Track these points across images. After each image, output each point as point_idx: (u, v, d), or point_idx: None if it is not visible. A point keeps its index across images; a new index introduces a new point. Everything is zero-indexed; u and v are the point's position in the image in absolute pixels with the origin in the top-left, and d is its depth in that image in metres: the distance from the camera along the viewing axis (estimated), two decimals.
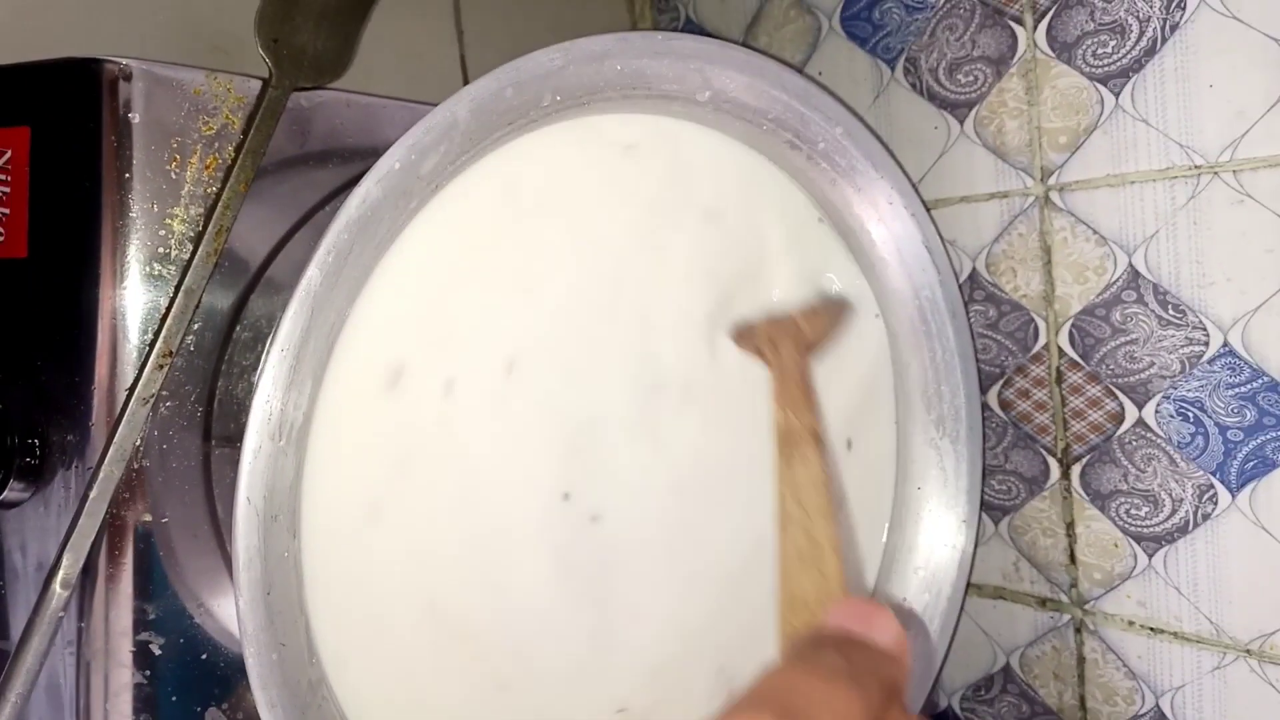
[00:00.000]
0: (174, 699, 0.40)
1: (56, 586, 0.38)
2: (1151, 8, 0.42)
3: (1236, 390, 0.41)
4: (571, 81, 0.33)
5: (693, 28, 0.63)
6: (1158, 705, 0.45)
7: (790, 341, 0.36)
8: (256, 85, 0.41)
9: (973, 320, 0.49)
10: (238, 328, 0.42)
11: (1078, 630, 0.47)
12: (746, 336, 0.38)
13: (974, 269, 0.50)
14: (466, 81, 0.62)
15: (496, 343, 0.34)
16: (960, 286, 0.49)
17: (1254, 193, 0.40)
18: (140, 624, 0.40)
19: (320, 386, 0.30)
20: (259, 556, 0.28)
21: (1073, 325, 0.46)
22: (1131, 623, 0.45)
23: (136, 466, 0.39)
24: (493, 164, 0.33)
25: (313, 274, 0.28)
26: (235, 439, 0.42)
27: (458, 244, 0.33)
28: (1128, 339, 0.44)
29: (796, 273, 0.41)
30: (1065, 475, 0.47)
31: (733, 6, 0.60)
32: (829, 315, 0.40)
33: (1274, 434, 0.40)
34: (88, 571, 0.38)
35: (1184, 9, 0.41)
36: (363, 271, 0.30)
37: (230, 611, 0.41)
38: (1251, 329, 0.40)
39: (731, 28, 0.60)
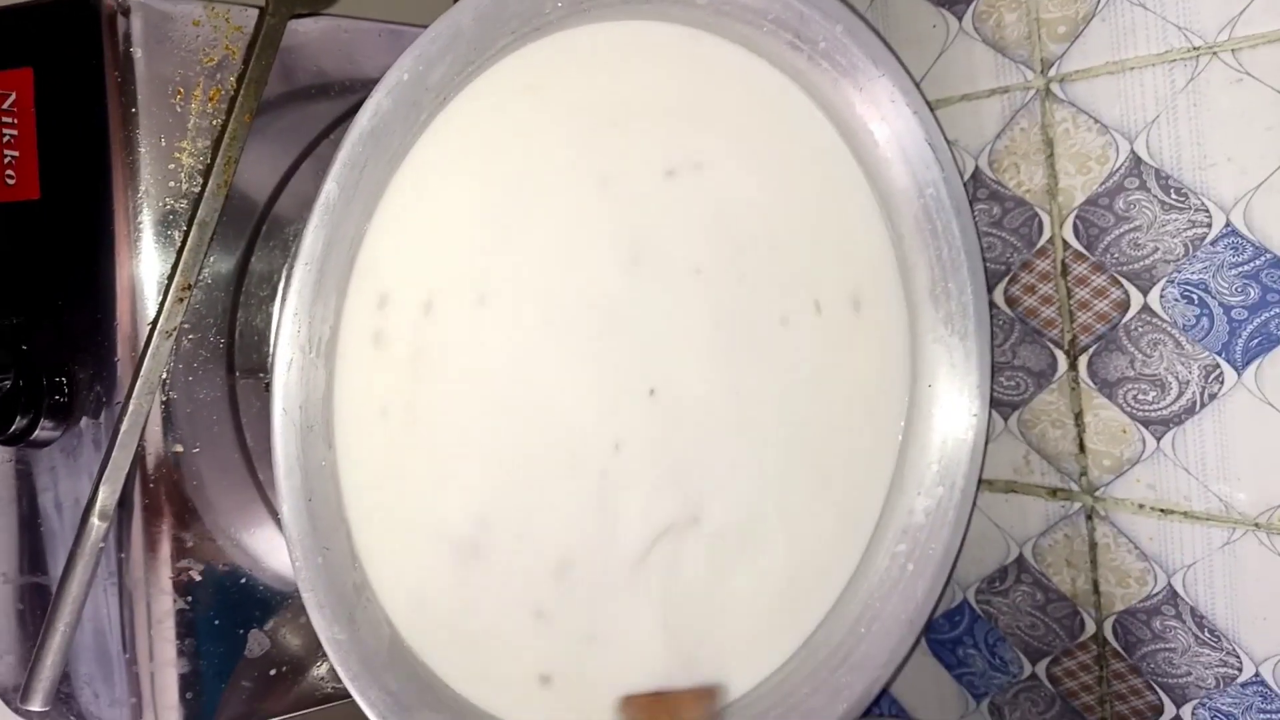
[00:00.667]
0: (216, 623, 0.42)
1: (94, 519, 0.39)
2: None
3: (1240, 269, 0.42)
4: None
5: None
6: (1169, 584, 0.46)
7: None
8: (253, 14, 0.41)
9: (977, 219, 0.50)
10: (252, 259, 0.42)
11: (1089, 517, 0.49)
12: (630, 709, 0.38)
13: (977, 168, 0.50)
14: None
15: (514, 249, 0.34)
16: (964, 185, 0.50)
17: (1253, 70, 0.40)
18: (179, 552, 0.41)
19: (345, 299, 0.31)
20: (298, 465, 0.29)
21: (1076, 217, 0.46)
22: (1142, 506, 0.47)
23: (164, 399, 0.40)
24: (500, 73, 0.33)
25: (330, 188, 0.29)
26: (258, 369, 0.43)
27: (468, 151, 0.33)
28: (1131, 226, 0.45)
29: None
30: (1073, 366, 0.48)
31: None
32: (708, 705, 0.40)
33: (1278, 310, 0.41)
34: (124, 504, 0.39)
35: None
36: (378, 185, 0.31)
37: (265, 538, 0.43)
38: (1254, 207, 0.41)
39: None
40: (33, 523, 0.43)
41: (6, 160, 0.41)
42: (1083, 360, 0.48)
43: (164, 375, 0.40)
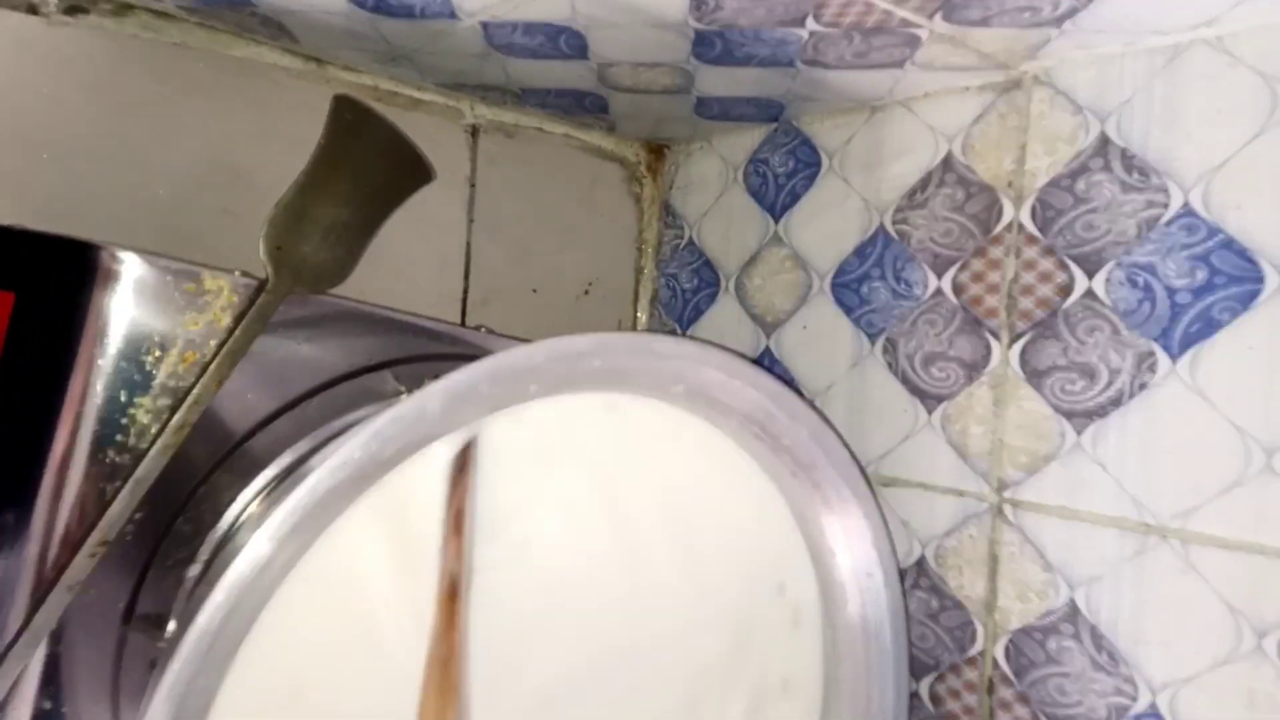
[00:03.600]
0: None
1: None
2: (1123, 361, 0.43)
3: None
4: (550, 375, 0.34)
5: (694, 250, 0.64)
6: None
7: None
8: (251, 284, 0.42)
9: (915, 608, 0.50)
10: (180, 519, 0.41)
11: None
12: None
13: (923, 556, 0.50)
14: (468, 268, 0.63)
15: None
16: (905, 571, 0.50)
17: (1201, 568, 0.40)
18: None
19: (225, 676, 0.29)
20: None
21: (1010, 640, 0.46)
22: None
23: (49, 652, 0.39)
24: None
25: (241, 567, 0.28)
26: (154, 624, 0.41)
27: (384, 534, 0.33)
28: (1060, 671, 0.44)
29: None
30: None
31: (734, 243, 0.62)
32: None
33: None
34: None
35: (1154, 371, 0.42)
36: (292, 558, 0.30)
37: None
38: (1180, 698, 0.41)
39: (730, 260, 0.62)
40: None
41: None
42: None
43: (52, 628, 0.38)
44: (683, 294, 0.66)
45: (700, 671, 0.41)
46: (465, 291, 0.63)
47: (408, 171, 0.45)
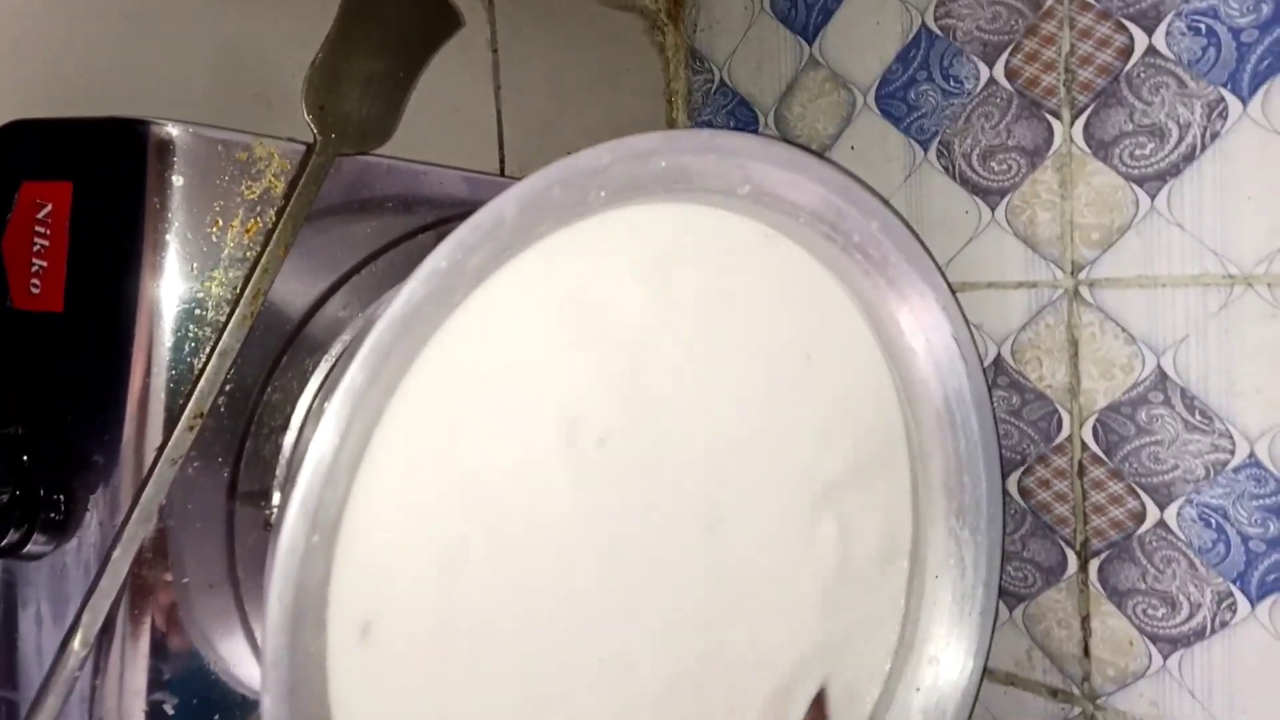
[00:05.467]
0: None
1: (75, 645, 0.38)
2: (1192, 114, 0.42)
3: (1261, 501, 0.41)
4: (617, 178, 0.33)
5: (726, 91, 0.63)
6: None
7: None
8: (300, 149, 0.41)
9: (995, 406, 0.50)
10: (269, 389, 0.42)
11: None
12: None
13: (999, 354, 0.50)
14: (501, 138, 0.63)
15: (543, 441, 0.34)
16: (984, 372, 0.50)
17: None
18: (155, 683, 0.40)
19: (354, 481, 0.30)
20: (286, 654, 0.28)
21: (1097, 420, 0.46)
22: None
23: (160, 526, 0.39)
24: (537, 256, 0.33)
25: (355, 373, 0.28)
26: (260, 496, 0.42)
27: (494, 338, 0.33)
28: (1153, 439, 0.44)
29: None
30: (1083, 569, 0.47)
31: (767, 74, 0.60)
32: None
33: None
34: (105, 630, 0.38)
35: (1225, 118, 0.41)
36: (402, 366, 0.30)
37: (245, 674, 0.41)
38: (1279, 442, 0.40)
39: (765, 94, 0.61)
40: (9, 637, 0.42)
41: (34, 269, 0.41)
42: (1094, 564, 0.47)
43: (162, 502, 0.39)
44: None
45: (793, 480, 0.42)
46: (501, 162, 0.62)
47: (436, 17, 0.44)
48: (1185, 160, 0.42)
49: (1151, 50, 0.42)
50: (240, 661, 0.41)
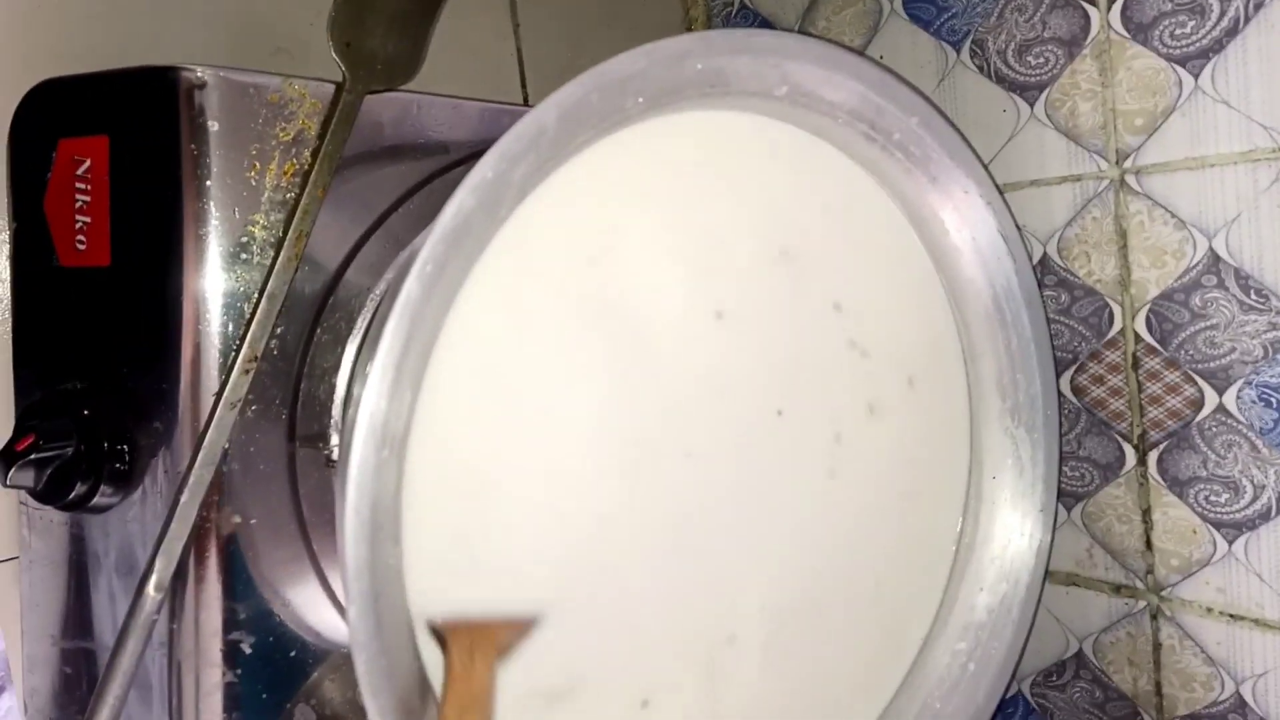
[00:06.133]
0: (264, 696, 0.41)
1: (150, 590, 0.38)
2: None
3: None
4: (654, 82, 0.33)
5: (747, 13, 0.62)
6: (1238, 691, 0.44)
7: (485, 654, 0.31)
8: (330, 89, 0.41)
9: (1045, 306, 0.49)
10: (318, 330, 0.42)
11: (1154, 616, 0.47)
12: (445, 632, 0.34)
13: (1045, 253, 0.49)
14: (523, 75, 0.62)
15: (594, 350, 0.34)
16: (1032, 262, 0.49)
17: None
18: (230, 624, 0.40)
19: (419, 394, 0.30)
20: (367, 567, 0.28)
21: (1150, 310, 0.45)
22: (1210, 609, 0.45)
23: (224, 470, 0.40)
24: (579, 166, 0.33)
25: (411, 287, 0.28)
26: (319, 438, 0.42)
27: (544, 251, 0.33)
28: (1208, 324, 0.44)
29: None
30: (1142, 462, 0.47)
31: None
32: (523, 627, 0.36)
33: None
34: (178, 575, 0.39)
35: None
36: (456, 279, 0.31)
37: (317, 611, 0.42)
38: None
39: (788, 11, 0.60)
40: (81, 589, 0.43)
41: (78, 226, 0.41)
42: (1152, 456, 0.46)
43: (225, 446, 0.39)
44: None
45: (848, 392, 0.41)
46: (525, 100, 0.62)
47: None
48: (1228, 35, 0.41)
49: None
50: (310, 598, 0.42)
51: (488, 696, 0.30)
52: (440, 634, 0.32)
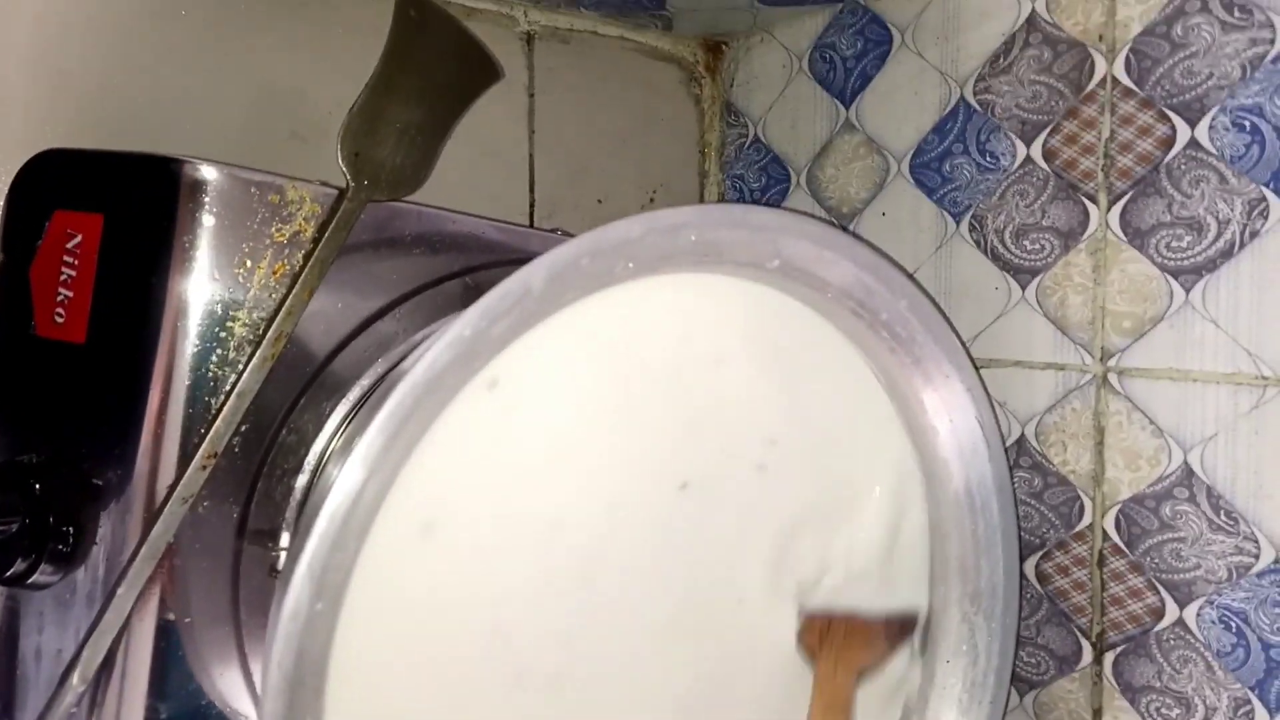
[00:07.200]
0: None
1: (74, 680, 0.37)
2: (1232, 210, 0.41)
3: None
4: (648, 250, 0.33)
5: (760, 147, 0.63)
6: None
7: (850, 664, 0.38)
8: (332, 193, 0.41)
9: (1016, 487, 0.49)
10: (285, 430, 0.42)
11: None
12: (811, 634, 0.40)
13: (1023, 435, 0.49)
14: (532, 181, 0.63)
15: (539, 501, 0.33)
16: (1006, 450, 0.49)
17: None
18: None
19: (363, 543, 0.30)
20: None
21: (1120, 511, 0.45)
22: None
23: (167, 565, 0.39)
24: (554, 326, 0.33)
25: (373, 438, 0.28)
26: (269, 536, 0.42)
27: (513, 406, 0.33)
28: (1176, 536, 0.43)
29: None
30: (1098, 660, 0.46)
31: (803, 134, 0.60)
32: (892, 638, 0.42)
33: None
34: (105, 665, 0.38)
35: (1266, 217, 0.40)
36: (419, 431, 0.30)
37: (243, 707, 0.41)
38: None
39: (800, 154, 0.60)
40: (10, 664, 0.41)
41: (60, 299, 0.41)
42: (1108, 657, 0.46)
43: (171, 540, 0.39)
44: (750, 194, 0.64)
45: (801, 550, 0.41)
46: (531, 205, 0.62)
47: (476, 68, 0.45)
48: (1223, 256, 0.41)
49: (1194, 143, 0.42)
50: (237, 698, 0.41)
51: (848, 704, 0.38)
52: (809, 647, 0.40)
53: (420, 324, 0.44)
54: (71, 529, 0.40)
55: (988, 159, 0.50)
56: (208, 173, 0.39)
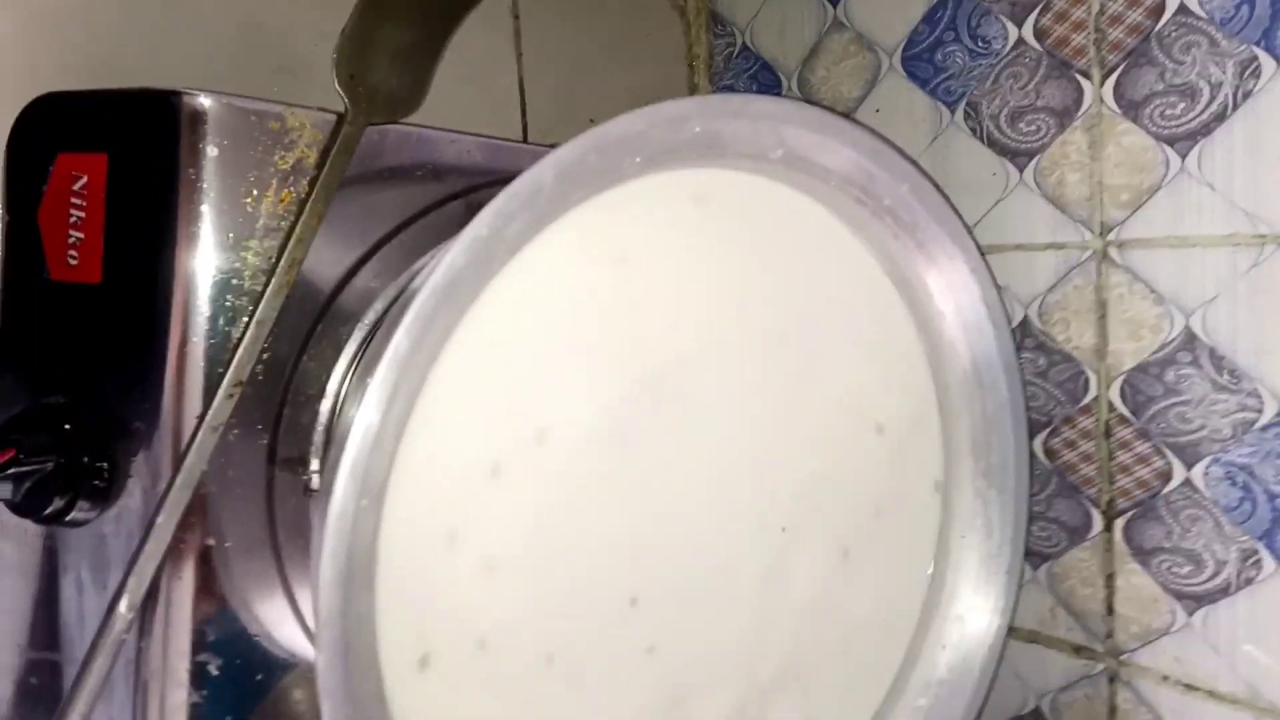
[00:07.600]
0: (228, 718, 0.41)
1: (121, 608, 0.38)
2: (1224, 73, 0.41)
3: None
4: (652, 143, 0.34)
5: (748, 55, 0.63)
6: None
7: None
8: (332, 119, 0.41)
9: (1022, 367, 0.50)
10: (305, 356, 0.42)
11: (1111, 680, 0.48)
12: None
13: (1026, 316, 0.50)
14: (524, 106, 0.62)
15: (579, 397, 0.34)
16: (1011, 334, 0.50)
17: None
18: (199, 645, 0.40)
19: (400, 443, 0.31)
20: (339, 615, 0.28)
21: (1124, 381, 0.46)
22: (1166, 678, 0.46)
23: (201, 492, 0.40)
24: (572, 221, 0.34)
25: (400, 341, 0.29)
26: (299, 463, 0.42)
27: (534, 302, 0.33)
28: (1180, 400, 0.44)
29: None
30: (1108, 528, 0.48)
31: (790, 37, 0.60)
32: None
33: None
34: (150, 593, 0.39)
35: (1258, 77, 0.41)
36: (444, 333, 0.31)
37: (286, 635, 0.42)
38: None
39: (789, 58, 0.60)
40: (51, 601, 0.43)
41: (71, 241, 0.41)
42: (1119, 524, 0.47)
43: (204, 468, 0.40)
44: None
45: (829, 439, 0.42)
46: (524, 128, 0.62)
47: None
48: (1216, 120, 0.42)
49: (1183, 9, 0.42)
50: (280, 623, 0.42)
51: None
52: None
53: (427, 247, 0.44)
54: (105, 465, 0.41)
55: (979, 44, 0.50)
56: (207, 103, 0.39)
